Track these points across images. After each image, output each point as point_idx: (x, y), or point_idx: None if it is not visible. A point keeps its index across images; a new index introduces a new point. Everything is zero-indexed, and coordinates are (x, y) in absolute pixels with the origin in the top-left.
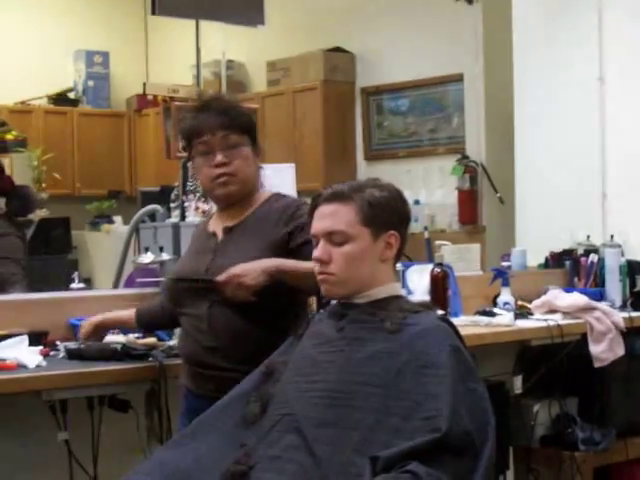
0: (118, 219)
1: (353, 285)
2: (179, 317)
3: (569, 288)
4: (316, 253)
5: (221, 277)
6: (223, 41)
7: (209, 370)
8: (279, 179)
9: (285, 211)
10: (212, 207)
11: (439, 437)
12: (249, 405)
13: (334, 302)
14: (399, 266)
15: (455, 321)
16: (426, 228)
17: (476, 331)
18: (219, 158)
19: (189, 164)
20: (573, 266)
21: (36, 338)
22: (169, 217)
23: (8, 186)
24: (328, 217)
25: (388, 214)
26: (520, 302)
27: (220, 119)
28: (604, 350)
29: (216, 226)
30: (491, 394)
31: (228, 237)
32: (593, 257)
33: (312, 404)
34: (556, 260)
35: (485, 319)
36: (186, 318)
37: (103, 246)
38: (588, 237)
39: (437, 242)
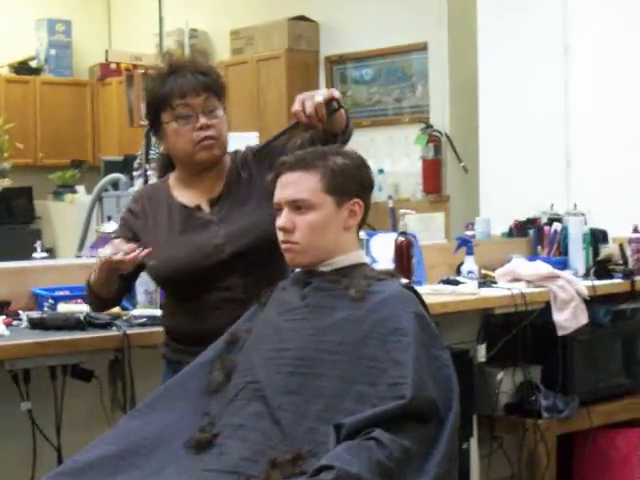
0: (81, 189)
1: (317, 253)
2: (190, 298)
3: (533, 257)
4: (279, 222)
5: (294, 105)
6: (186, 10)
7: None
8: (243, 147)
9: (255, 157)
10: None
11: (403, 404)
12: (213, 373)
13: (298, 270)
14: (363, 235)
15: (419, 290)
16: (390, 197)
17: (440, 299)
18: (203, 120)
19: (164, 127)
20: (537, 235)
21: None
22: (132, 186)
23: None
24: (291, 185)
25: (351, 182)
26: (484, 271)
27: (202, 80)
28: (567, 318)
29: (192, 199)
30: (455, 362)
31: (219, 207)
32: (557, 226)
33: (276, 372)
34: (520, 229)
35: (449, 288)
36: (212, 295)
37: (66, 216)
38: (552, 206)
39: (401, 211)
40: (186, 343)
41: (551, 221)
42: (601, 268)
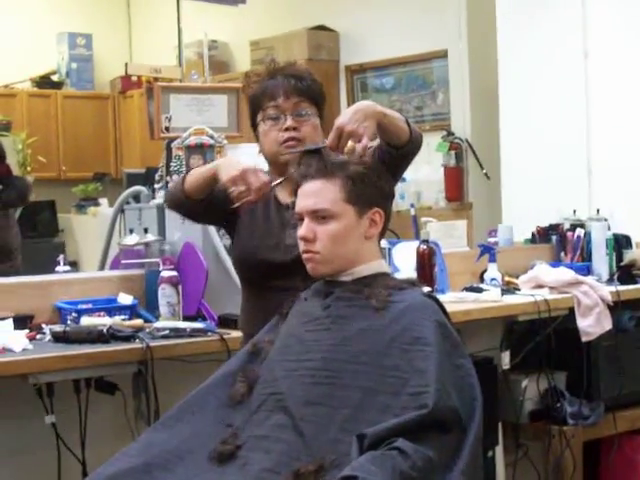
0: (104, 201)
1: (338, 263)
2: (257, 291)
3: (556, 263)
4: (301, 232)
5: (330, 138)
6: (206, 21)
7: None
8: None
9: None
10: None
11: (426, 413)
12: (235, 385)
13: (319, 281)
14: (385, 244)
15: (442, 298)
16: (412, 205)
17: (463, 307)
18: (289, 122)
19: (258, 129)
20: (559, 241)
21: (22, 322)
22: (153, 198)
23: (6, 174)
24: (312, 195)
25: (372, 191)
26: (507, 278)
27: (295, 84)
28: (591, 324)
29: (286, 197)
30: (479, 370)
31: None
32: (579, 231)
33: (299, 383)
34: (542, 235)
35: (472, 295)
36: (279, 293)
37: (89, 229)
38: (574, 212)
39: (423, 219)
40: None
41: (574, 227)
42: (625, 273)
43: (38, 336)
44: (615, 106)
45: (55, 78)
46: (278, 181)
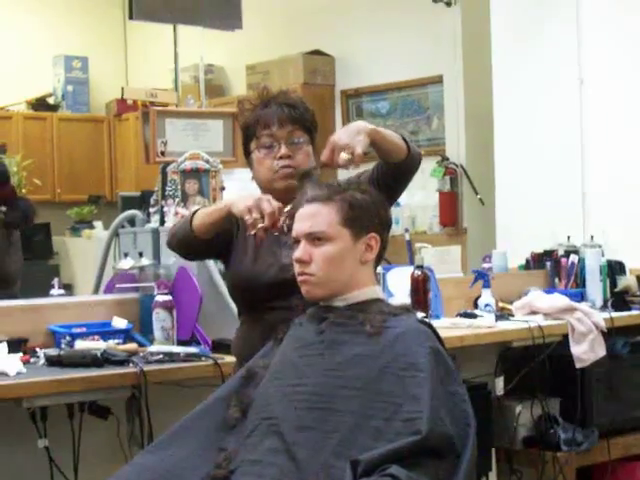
0: (99, 224)
1: (333, 286)
2: (255, 313)
3: (550, 289)
4: (296, 254)
5: (324, 153)
6: (202, 45)
7: None
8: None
9: None
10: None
11: (419, 440)
12: (229, 409)
13: (314, 306)
14: (380, 269)
15: (436, 323)
16: (407, 230)
17: (457, 333)
18: (284, 150)
19: (252, 156)
20: (554, 267)
21: (15, 345)
22: (148, 222)
23: (10, 195)
24: (309, 218)
25: (369, 216)
26: (501, 304)
27: (288, 112)
28: (585, 351)
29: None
30: (473, 396)
31: None
32: (573, 258)
33: (292, 408)
34: (537, 261)
35: (466, 321)
36: (272, 313)
37: (84, 251)
38: (568, 238)
39: (417, 244)
40: None
41: (568, 253)
42: (619, 300)
43: (32, 360)
44: (610, 133)
45: (51, 101)
46: (289, 207)
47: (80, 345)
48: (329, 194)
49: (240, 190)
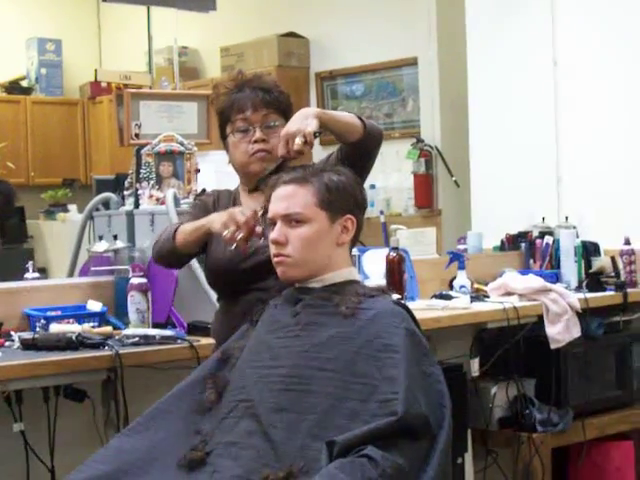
0: (73, 207)
1: (309, 268)
2: (234, 295)
3: (525, 270)
4: (272, 235)
5: (279, 149)
6: (176, 27)
7: None
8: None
9: None
10: (165, 195)
11: (395, 420)
12: (205, 392)
13: (289, 288)
14: (355, 251)
15: (411, 305)
16: (382, 212)
17: (433, 314)
18: (258, 134)
19: (227, 140)
20: (528, 248)
21: None
22: (123, 205)
23: None
24: (285, 199)
25: (345, 198)
26: (476, 285)
27: (263, 97)
28: (560, 331)
29: (253, 206)
30: (448, 377)
31: None
32: (548, 239)
33: (268, 390)
34: (511, 242)
35: (441, 302)
36: (247, 295)
37: (59, 235)
38: (543, 219)
39: (393, 226)
40: None
41: (543, 234)
42: (593, 281)
43: (7, 343)
44: (584, 114)
45: (24, 84)
46: (262, 209)
47: (55, 328)
48: (305, 176)
49: (215, 172)
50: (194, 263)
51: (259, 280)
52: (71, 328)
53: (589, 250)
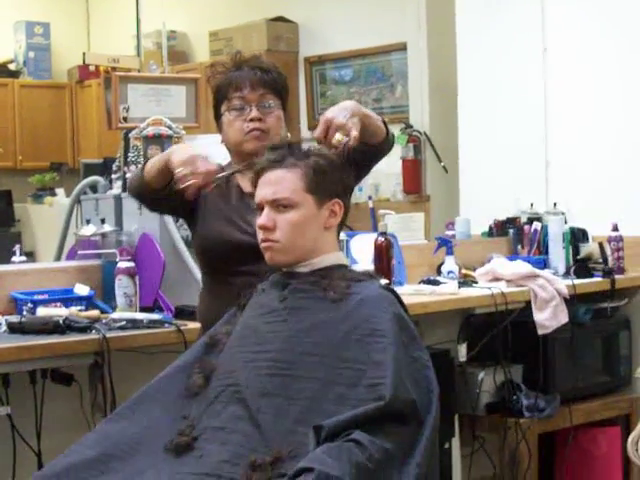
0: (61, 191)
1: (297, 252)
2: (222, 277)
3: (513, 256)
4: (260, 220)
5: (318, 130)
6: (164, 11)
7: None
8: (222, 149)
9: None
10: None
11: (382, 405)
12: (192, 376)
13: (276, 272)
14: (343, 235)
15: (399, 290)
16: (370, 197)
17: (420, 300)
18: (254, 113)
19: (222, 119)
20: (517, 234)
21: None
22: (111, 189)
23: None
24: (272, 184)
25: (332, 182)
26: (464, 270)
27: (261, 76)
28: (548, 317)
29: (248, 186)
30: (436, 362)
31: None
32: (536, 225)
33: (255, 374)
34: (500, 228)
35: (429, 288)
36: (241, 277)
37: (46, 219)
38: (532, 205)
39: (381, 211)
40: None
41: (531, 220)
42: (581, 267)
43: None
44: (573, 101)
45: (12, 67)
46: (227, 173)
47: (42, 312)
48: (293, 160)
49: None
50: (181, 246)
51: (251, 263)
52: (58, 312)
53: (577, 236)
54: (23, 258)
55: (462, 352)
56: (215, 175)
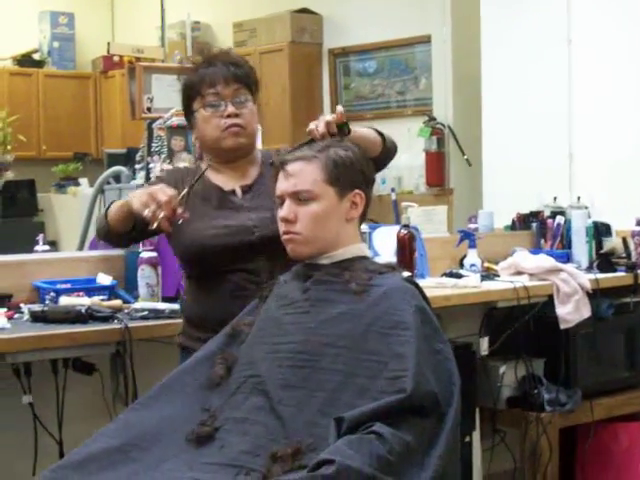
0: (84, 181)
1: (319, 244)
2: (213, 279)
3: (536, 250)
4: (282, 213)
5: (310, 125)
6: (189, 2)
7: None
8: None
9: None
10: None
11: (404, 398)
12: (214, 367)
13: (299, 264)
14: (366, 228)
15: (421, 283)
16: (393, 190)
17: (442, 293)
18: (231, 109)
19: (195, 115)
20: (540, 228)
21: (0, 301)
22: (134, 178)
23: None
24: (293, 177)
25: (353, 173)
26: (487, 264)
27: (234, 71)
28: (570, 312)
29: (227, 184)
30: (457, 356)
31: (251, 195)
32: (560, 219)
33: (277, 366)
34: (523, 222)
35: (451, 281)
36: (235, 275)
37: (69, 208)
38: (555, 199)
39: (404, 204)
40: (207, 330)
41: (554, 214)
42: (604, 261)
43: (16, 315)
44: (597, 94)
45: (37, 57)
46: (184, 191)
47: (64, 301)
48: (313, 152)
49: None
50: None
51: (246, 260)
52: (80, 301)
53: (600, 231)
54: (46, 247)
55: (484, 346)
56: (176, 201)
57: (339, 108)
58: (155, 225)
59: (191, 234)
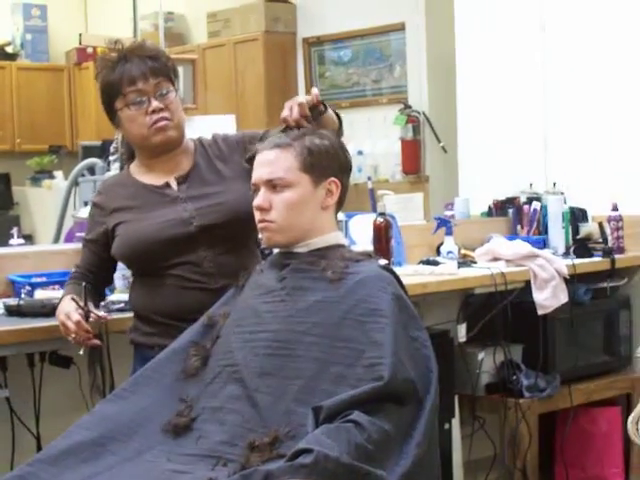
0: (59, 174)
1: (294, 233)
2: (157, 274)
3: (512, 236)
4: (256, 201)
5: (283, 112)
6: None
7: None
8: (220, 130)
9: (226, 142)
10: None
11: (381, 385)
12: (190, 358)
13: (275, 252)
14: (342, 216)
15: (399, 270)
16: (369, 178)
17: (420, 280)
18: (155, 104)
19: (119, 115)
20: (516, 214)
21: None
22: (108, 170)
23: None
24: (268, 164)
25: (328, 161)
26: (463, 251)
27: (152, 65)
28: (547, 297)
29: (158, 179)
30: (435, 343)
31: (187, 185)
32: (536, 205)
33: (253, 354)
34: (499, 208)
35: (429, 268)
36: (178, 269)
37: (44, 202)
38: (531, 185)
39: (380, 192)
40: (158, 325)
41: (530, 200)
42: (581, 247)
43: None
44: (571, 80)
45: (9, 49)
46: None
47: (40, 295)
48: (288, 140)
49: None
50: None
51: (189, 252)
52: (56, 294)
53: (577, 216)
54: (21, 241)
55: (462, 332)
56: (84, 329)
57: (314, 90)
58: (83, 350)
59: (132, 233)
